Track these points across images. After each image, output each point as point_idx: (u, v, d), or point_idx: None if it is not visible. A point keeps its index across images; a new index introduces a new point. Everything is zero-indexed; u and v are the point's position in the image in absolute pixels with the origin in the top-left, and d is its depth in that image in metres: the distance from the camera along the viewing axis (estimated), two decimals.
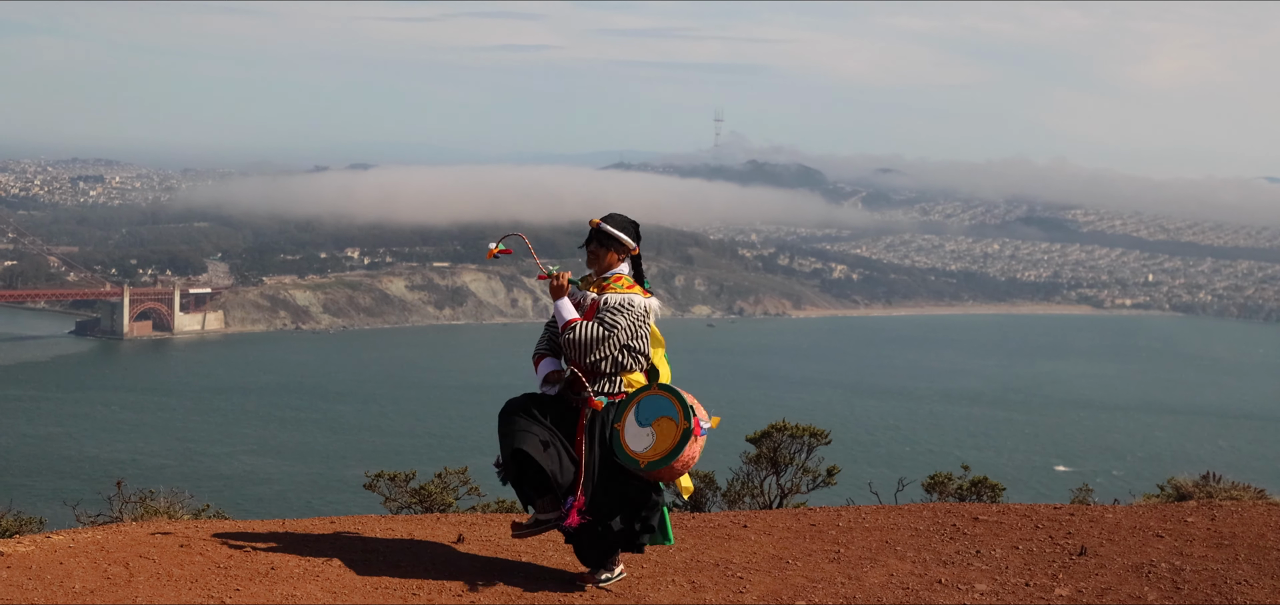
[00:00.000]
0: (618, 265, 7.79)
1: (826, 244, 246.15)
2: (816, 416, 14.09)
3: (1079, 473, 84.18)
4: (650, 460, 7.45)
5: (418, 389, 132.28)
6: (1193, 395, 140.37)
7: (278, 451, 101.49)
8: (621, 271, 7.77)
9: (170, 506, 10.34)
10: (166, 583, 7.59)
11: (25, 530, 10.15)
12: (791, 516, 9.75)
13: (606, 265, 7.78)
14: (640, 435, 7.49)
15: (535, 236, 8.41)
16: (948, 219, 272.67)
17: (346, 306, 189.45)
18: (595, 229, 7.78)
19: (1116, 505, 10.56)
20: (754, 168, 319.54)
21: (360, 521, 9.41)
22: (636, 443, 7.49)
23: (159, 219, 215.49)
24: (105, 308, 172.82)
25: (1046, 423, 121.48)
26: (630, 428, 7.52)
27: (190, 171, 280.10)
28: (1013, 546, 8.64)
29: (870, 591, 7.69)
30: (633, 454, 7.48)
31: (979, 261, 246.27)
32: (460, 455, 79.44)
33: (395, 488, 12.22)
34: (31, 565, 7.86)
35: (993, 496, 11.99)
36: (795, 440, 12.23)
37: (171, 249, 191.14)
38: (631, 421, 7.52)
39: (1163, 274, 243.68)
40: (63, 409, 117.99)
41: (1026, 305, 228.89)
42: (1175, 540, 8.68)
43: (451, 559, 8.26)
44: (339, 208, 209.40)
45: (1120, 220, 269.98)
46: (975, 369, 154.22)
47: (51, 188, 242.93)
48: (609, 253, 7.76)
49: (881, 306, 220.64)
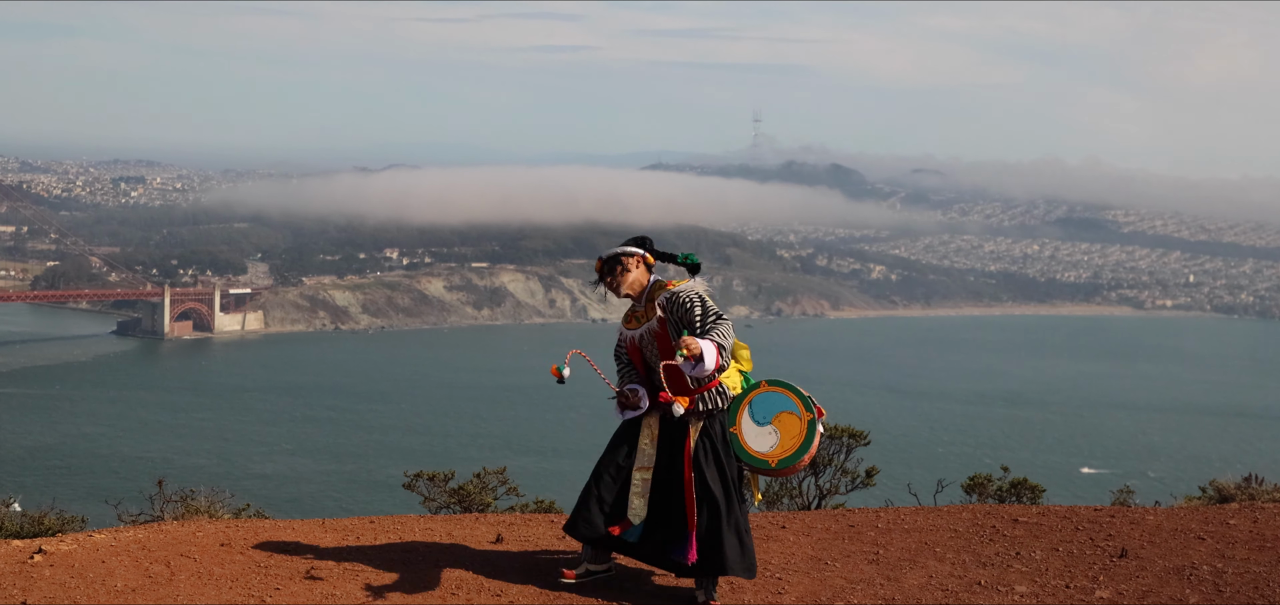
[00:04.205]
0: (643, 272, 7.55)
1: (865, 244, 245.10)
2: (855, 417, 14.04)
3: (1109, 475, 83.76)
4: (781, 458, 7.33)
5: (456, 389, 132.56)
6: (1234, 396, 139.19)
7: (317, 451, 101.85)
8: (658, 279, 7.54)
9: (211, 506, 10.40)
10: (207, 582, 7.63)
11: (68, 529, 10.22)
12: (830, 517, 9.73)
13: (634, 282, 7.53)
14: (762, 435, 7.35)
15: (571, 238, 8.36)
16: (987, 220, 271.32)
17: (385, 307, 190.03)
18: (600, 267, 7.51)
19: (1158, 507, 10.50)
20: (791, 168, 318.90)
21: (399, 521, 9.43)
22: (760, 443, 7.35)
23: (199, 219, 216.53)
24: (146, 308, 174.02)
25: (1086, 424, 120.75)
26: (749, 429, 7.37)
27: (230, 172, 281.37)
28: (1053, 548, 8.59)
29: (909, 593, 7.66)
30: (760, 455, 7.35)
31: (1018, 262, 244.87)
32: (498, 455, 79.76)
33: (434, 488, 12.24)
34: (74, 564, 7.92)
35: (1033, 498, 11.93)
36: (834, 441, 12.19)
37: (212, 249, 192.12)
38: (748, 423, 7.38)
39: (1204, 275, 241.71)
40: (104, 408, 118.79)
41: (1066, 306, 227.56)
42: (1217, 542, 8.62)
43: (490, 559, 8.27)
44: (378, 208, 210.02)
45: (1160, 221, 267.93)
46: (1015, 370, 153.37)
47: (93, 189, 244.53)
48: (626, 273, 7.49)
49: (920, 307, 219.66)
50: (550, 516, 10.03)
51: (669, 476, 7.39)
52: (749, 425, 7.38)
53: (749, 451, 7.37)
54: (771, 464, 7.34)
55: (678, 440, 7.38)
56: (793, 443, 7.32)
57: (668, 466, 7.40)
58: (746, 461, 7.40)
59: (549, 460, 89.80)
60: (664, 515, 7.39)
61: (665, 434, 7.43)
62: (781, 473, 7.47)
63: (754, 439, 7.36)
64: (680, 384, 7.31)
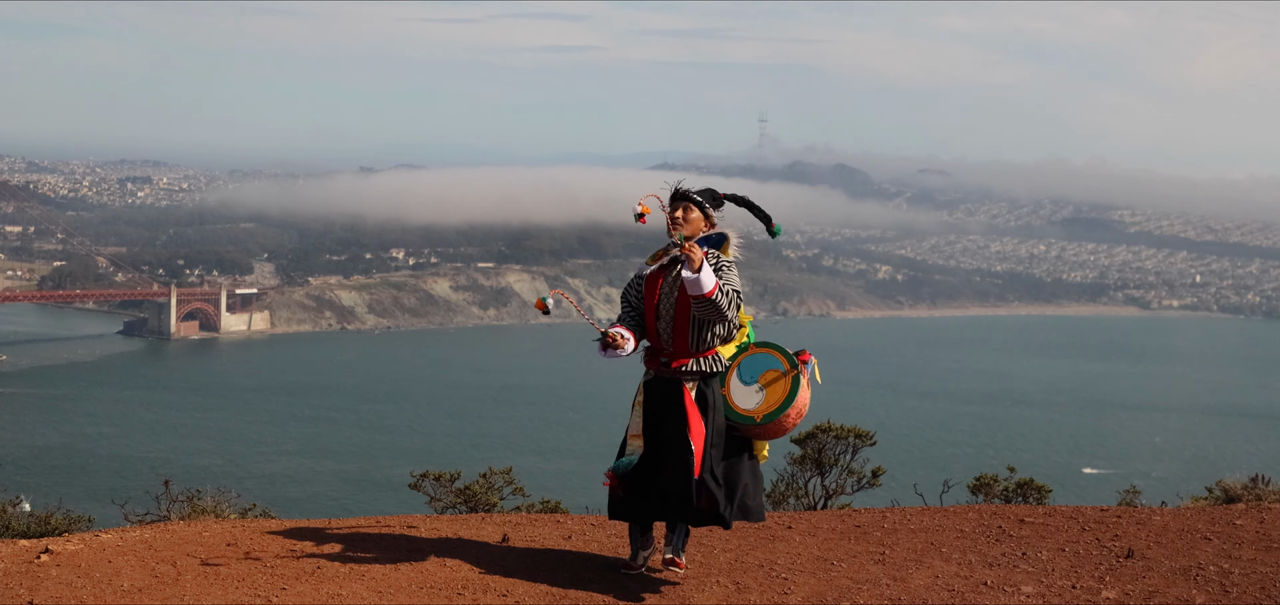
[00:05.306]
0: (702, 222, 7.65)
1: (870, 244, 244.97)
2: (861, 418, 14.05)
3: (1112, 475, 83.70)
4: (766, 413, 7.46)
5: (462, 389, 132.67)
6: (1240, 397, 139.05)
7: (323, 451, 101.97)
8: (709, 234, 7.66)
9: (217, 506, 10.41)
10: (214, 581, 7.64)
11: (74, 529, 10.23)
12: (836, 518, 9.73)
13: (694, 225, 7.60)
14: (748, 394, 7.50)
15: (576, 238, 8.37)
16: (992, 219, 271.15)
17: (391, 307, 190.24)
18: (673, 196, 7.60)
19: (1164, 507, 10.50)
20: (796, 168, 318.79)
21: (406, 521, 9.43)
22: (747, 401, 7.50)
23: (205, 220, 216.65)
24: (152, 308, 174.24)
25: (1092, 425, 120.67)
26: (737, 389, 7.53)
27: (236, 172, 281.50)
28: (1059, 549, 8.59)
29: (915, 593, 7.66)
30: (746, 412, 7.49)
31: (1024, 262, 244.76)
32: (504, 455, 79.77)
33: (440, 487, 12.25)
34: (80, 564, 7.93)
35: (1039, 498, 11.93)
36: (840, 441, 12.20)
37: (218, 249, 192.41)
38: (736, 383, 7.53)
39: (1210, 275, 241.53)
40: (110, 408, 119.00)
41: (1073, 306, 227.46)
42: (1223, 543, 8.61)
43: (496, 558, 8.27)
44: (384, 208, 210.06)
45: (1166, 221, 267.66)
46: (1021, 370, 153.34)
47: (100, 189, 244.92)
48: (690, 213, 7.59)
49: (926, 307, 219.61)
50: (556, 517, 10.04)
51: (661, 433, 7.50)
52: (737, 385, 7.55)
53: (737, 410, 7.52)
54: (757, 419, 7.48)
55: (675, 400, 7.49)
56: (777, 399, 7.46)
57: (660, 426, 7.51)
58: (735, 420, 7.54)
59: (555, 461, 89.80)
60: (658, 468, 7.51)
61: (658, 402, 7.55)
62: (768, 429, 7.55)
63: (741, 398, 7.52)
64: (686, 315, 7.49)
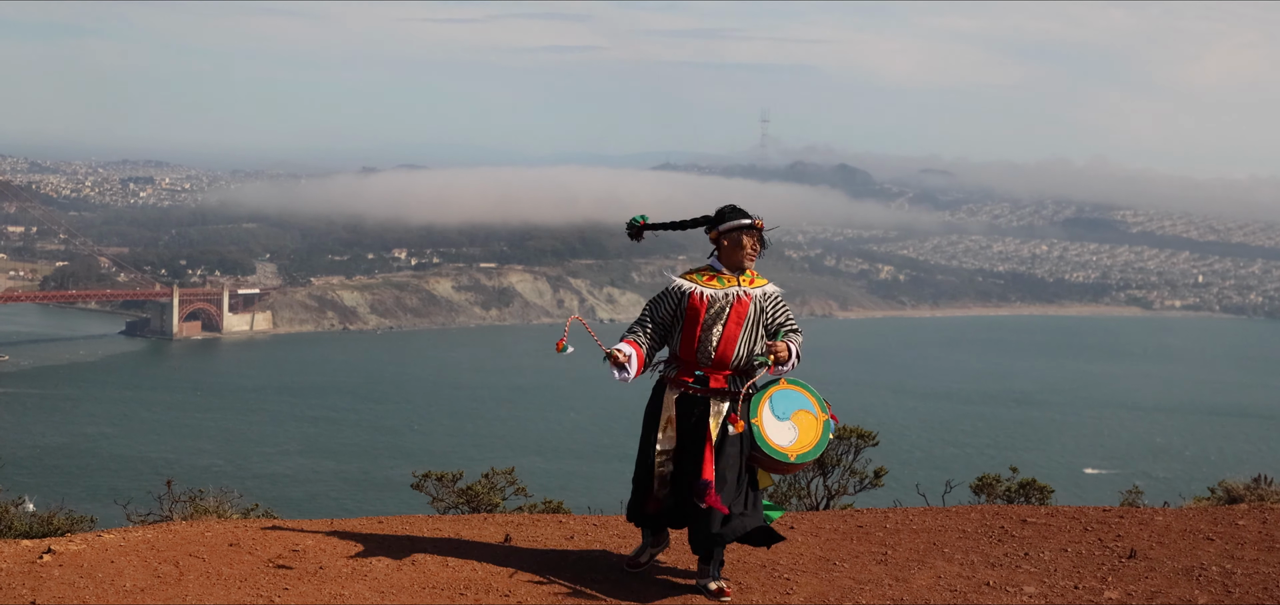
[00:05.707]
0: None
1: (872, 244, 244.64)
2: (864, 418, 14.04)
3: (1113, 475, 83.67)
4: (800, 453, 7.51)
5: (464, 389, 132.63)
6: (1243, 397, 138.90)
7: (325, 451, 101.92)
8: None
9: (219, 506, 10.40)
10: (216, 581, 7.64)
11: (76, 529, 10.23)
12: (838, 518, 9.73)
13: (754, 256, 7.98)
14: (782, 429, 7.53)
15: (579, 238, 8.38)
16: (994, 220, 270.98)
17: (394, 307, 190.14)
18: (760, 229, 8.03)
19: (1166, 508, 10.49)
20: (798, 168, 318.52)
21: (408, 521, 9.44)
22: (781, 437, 7.52)
23: (208, 220, 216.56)
24: (155, 308, 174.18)
25: (1094, 425, 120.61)
26: (770, 422, 7.53)
27: (239, 172, 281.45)
28: (1061, 549, 8.59)
29: (917, 593, 7.66)
30: (780, 448, 7.51)
31: (1026, 262, 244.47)
32: (507, 455, 79.72)
33: (442, 488, 12.24)
34: (83, 564, 7.94)
35: (1041, 499, 11.92)
36: (842, 441, 12.18)
37: (220, 250, 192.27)
38: (769, 416, 7.54)
39: (1213, 275, 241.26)
40: (113, 409, 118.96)
41: (1075, 307, 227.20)
42: (1226, 543, 8.61)
43: (498, 559, 8.28)
44: (386, 208, 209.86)
45: (1168, 221, 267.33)
46: (1023, 371, 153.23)
47: (102, 189, 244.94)
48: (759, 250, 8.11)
49: (929, 307, 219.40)
50: (558, 517, 10.04)
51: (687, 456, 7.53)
52: (770, 418, 7.55)
53: (770, 443, 7.51)
54: (790, 458, 7.51)
55: (701, 422, 7.52)
56: (810, 441, 7.52)
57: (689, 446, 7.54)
58: (765, 453, 7.53)
59: (557, 461, 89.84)
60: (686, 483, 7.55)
61: (684, 419, 7.58)
62: (796, 468, 7.68)
63: (775, 432, 7.53)
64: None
